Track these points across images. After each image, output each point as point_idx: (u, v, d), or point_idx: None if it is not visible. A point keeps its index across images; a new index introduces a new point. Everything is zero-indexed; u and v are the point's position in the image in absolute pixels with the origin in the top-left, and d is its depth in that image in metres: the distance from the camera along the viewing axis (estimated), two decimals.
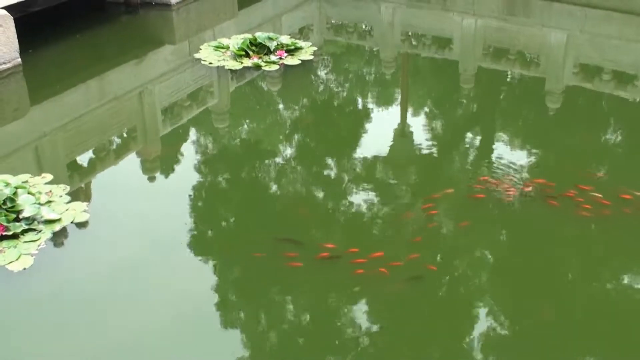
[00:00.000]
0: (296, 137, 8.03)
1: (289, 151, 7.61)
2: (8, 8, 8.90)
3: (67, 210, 5.90)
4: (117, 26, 11.27)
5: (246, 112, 8.72)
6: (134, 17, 11.62)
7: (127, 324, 4.89)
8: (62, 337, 4.81)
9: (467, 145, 7.63)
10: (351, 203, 6.46)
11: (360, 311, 5.09)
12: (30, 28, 9.60)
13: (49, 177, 6.39)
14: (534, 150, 7.41)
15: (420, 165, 7.32)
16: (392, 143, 7.75)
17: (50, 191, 6.13)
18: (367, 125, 8.33)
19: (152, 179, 7.06)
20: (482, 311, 5.12)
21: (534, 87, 9.37)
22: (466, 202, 6.28)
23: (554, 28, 11.37)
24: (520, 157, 7.18)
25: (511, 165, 6.95)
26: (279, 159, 7.33)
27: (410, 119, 8.43)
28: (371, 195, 6.59)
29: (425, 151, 7.54)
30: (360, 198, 6.53)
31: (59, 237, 5.66)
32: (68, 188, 6.24)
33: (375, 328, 4.99)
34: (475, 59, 10.46)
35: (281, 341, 4.93)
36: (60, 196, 6.09)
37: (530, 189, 6.38)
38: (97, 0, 11.74)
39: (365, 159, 7.28)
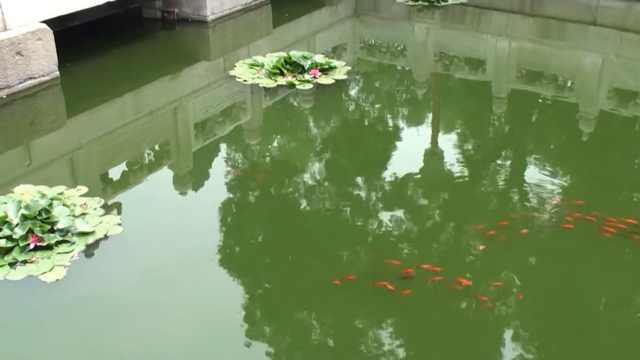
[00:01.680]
0: (327, 155, 8.04)
1: (319, 169, 7.62)
2: (48, 22, 9.08)
3: (100, 223, 5.97)
4: (154, 42, 11.45)
5: (278, 129, 8.77)
6: (170, 33, 11.80)
7: (157, 336, 4.92)
8: (93, 348, 4.84)
9: (499, 168, 7.57)
10: (377, 220, 6.44)
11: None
12: (69, 42, 9.79)
13: (83, 189, 6.48)
14: (567, 176, 7.33)
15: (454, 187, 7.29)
16: (422, 162, 7.73)
17: (85, 204, 6.22)
18: (398, 144, 8.31)
19: (183, 193, 7.12)
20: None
21: (567, 111, 9.29)
22: (505, 226, 6.23)
23: (589, 51, 11.29)
24: (554, 182, 7.10)
25: (546, 190, 6.88)
26: (308, 176, 7.35)
27: (441, 139, 8.40)
28: (397, 212, 6.57)
29: (455, 171, 7.51)
30: (386, 213, 6.53)
31: (91, 250, 5.73)
32: (102, 201, 6.32)
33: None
34: (509, 81, 10.41)
35: (308, 358, 4.93)
36: (95, 209, 6.17)
37: (569, 216, 6.28)
38: (135, 16, 11.95)
39: (395, 177, 7.26)
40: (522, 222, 6.29)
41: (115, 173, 7.26)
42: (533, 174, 7.30)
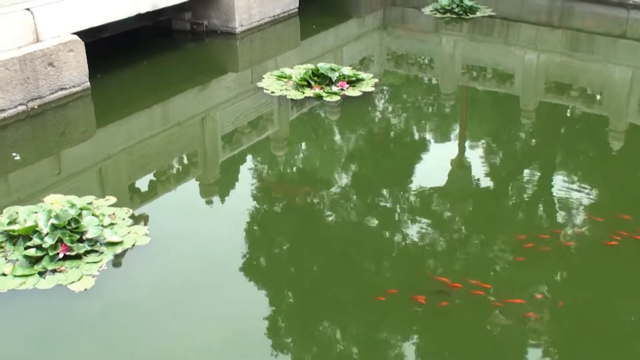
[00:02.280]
0: (354, 166, 8.03)
1: (345, 180, 7.62)
2: (80, 33, 9.21)
3: (128, 233, 6.01)
4: (183, 53, 11.55)
5: (305, 140, 8.79)
6: (199, 44, 11.90)
7: (185, 346, 4.93)
8: (121, 357, 4.87)
9: (527, 181, 7.50)
10: (406, 234, 6.41)
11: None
12: (100, 53, 9.91)
13: (112, 199, 6.54)
14: (597, 190, 7.23)
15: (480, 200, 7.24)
16: (449, 175, 7.68)
17: (114, 214, 6.27)
18: (425, 157, 8.28)
19: (210, 203, 7.15)
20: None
21: (596, 125, 9.19)
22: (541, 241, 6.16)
23: (619, 64, 11.16)
24: (585, 197, 7.01)
25: (578, 204, 6.81)
26: (335, 188, 7.34)
27: (468, 152, 8.35)
28: (428, 225, 6.52)
29: (483, 185, 7.45)
30: (415, 226, 6.50)
31: (119, 259, 5.77)
32: (131, 211, 6.37)
33: None
34: (537, 94, 10.32)
35: None
36: (123, 219, 6.22)
37: (610, 233, 6.18)
38: (164, 27, 12.08)
39: (422, 189, 7.23)
40: (557, 238, 6.20)
41: (143, 183, 7.31)
42: (562, 188, 7.22)
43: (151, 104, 9.28)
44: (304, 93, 9.28)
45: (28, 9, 8.63)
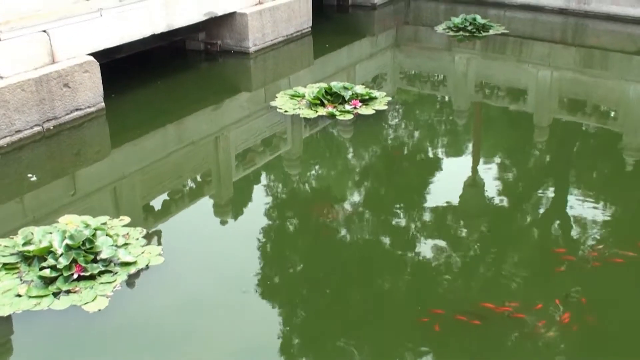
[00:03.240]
0: (367, 185, 8.02)
1: (359, 199, 7.60)
2: (95, 54, 9.30)
3: (142, 253, 6.03)
4: (197, 73, 11.63)
5: (317, 159, 8.80)
6: (213, 64, 11.98)
7: None
8: None
9: (540, 199, 7.46)
10: (417, 252, 6.38)
11: None
12: (115, 74, 10.00)
13: (126, 219, 6.56)
14: (613, 208, 7.17)
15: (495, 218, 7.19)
16: (461, 193, 7.65)
17: (128, 234, 6.29)
18: (438, 175, 8.25)
19: (224, 222, 7.16)
20: None
21: (611, 142, 9.13)
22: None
23: (633, 81, 11.11)
24: (600, 216, 6.95)
25: (593, 224, 6.75)
26: (349, 206, 7.33)
27: (482, 169, 8.32)
28: (433, 244, 6.49)
29: (497, 204, 7.41)
30: (421, 246, 6.48)
31: (133, 280, 5.78)
32: (145, 231, 6.39)
33: None
34: (551, 111, 10.29)
35: None
36: (137, 239, 6.24)
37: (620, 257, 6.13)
38: (179, 48, 12.17)
39: (436, 208, 7.20)
40: (581, 258, 6.14)
41: (157, 203, 7.34)
42: (578, 207, 7.16)
43: (165, 124, 9.34)
44: (317, 112, 9.30)
45: (44, 31, 8.74)
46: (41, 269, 5.66)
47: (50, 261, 5.67)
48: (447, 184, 7.94)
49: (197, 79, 11.36)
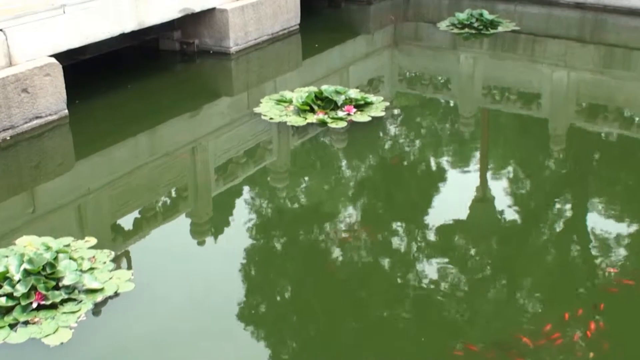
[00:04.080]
0: (363, 200, 8.03)
1: (354, 216, 7.61)
2: (57, 56, 9.30)
3: (110, 278, 6.00)
4: (172, 76, 11.65)
5: (307, 171, 8.81)
6: (189, 66, 12.01)
7: None
8: None
9: (557, 216, 7.49)
10: (418, 277, 6.39)
11: None
12: (79, 77, 10.01)
13: (92, 240, 6.54)
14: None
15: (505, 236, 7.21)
16: (470, 209, 7.67)
17: (94, 257, 6.27)
18: (443, 189, 8.28)
19: (202, 243, 7.15)
20: None
21: (635, 151, 9.19)
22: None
23: None
24: (625, 235, 6.98)
25: (617, 244, 6.78)
26: (342, 225, 7.34)
27: (491, 182, 8.35)
28: (438, 267, 6.49)
29: (509, 220, 7.43)
30: (425, 270, 6.47)
31: (100, 309, 5.75)
32: (113, 254, 6.37)
33: None
34: (567, 117, 10.35)
35: None
36: (104, 263, 6.21)
37: None
38: (151, 48, 12.19)
39: (440, 226, 7.21)
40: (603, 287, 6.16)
41: (127, 222, 7.32)
42: (599, 225, 7.19)
43: (136, 133, 9.34)
44: (306, 119, 9.32)
45: (1, 30, 8.74)
46: None
47: (7, 288, 5.64)
48: (453, 199, 7.96)
49: (171, 83, 11.38)
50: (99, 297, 5.79)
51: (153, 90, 10.90)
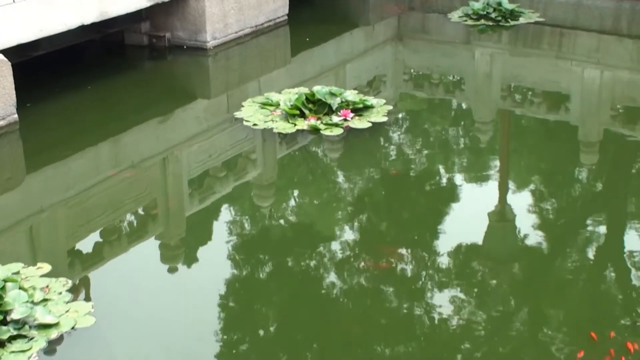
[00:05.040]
0: (361, 220, 8.05)
1: (351, 239, 7.62)
2: (5, 52, 9.33)
3: (67, 311, 6.00)
4: (139, 75, 11.68)
5: (297, 187, 8.85)
6: (160, 63, 12.04)
7: None
8: None
9: (589, 238, 7.51)
10: (425, 309, 6.40)
11: None
12: (31, 76, 10.03)
13: (46, 267, 6.55)
14: None
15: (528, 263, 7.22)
16: (486, 230, 7.69)
17: (47, 286, 6.28)
18: (456, 207, 8.29)
19: (173, 270, 7.15)
20: None
21: None
22: None
23: None
24: None
25: None
26: (337, 249, 7.34)
27: (511, 198, 8.38)
28: (449, 298, 6.48)
29: (532, 243, 7.45)
30: (434, 302, 6.46)
31: (55, 347, 5.74)
32: (69, 283, 6.37)
33: None
34: (601, 122, 10.40)
35: None
36: (60, 293, 6.22)
37: None
38: (115, 42, 12.23)
39: (452, 251, 7.20)
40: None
41: (86, 245, 7.33)
42: (638, 248, 7.22)
43: (97, 141, 9.35)
44: (295, 125, 9.36)
45: None
46: None
47: None
48: (467, 219, 7.97)
49: (139, 83, 11.42)
50: (54, 334, 5.78)
51: (117, 91, 10.93)
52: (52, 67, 10.93)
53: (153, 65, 12.05)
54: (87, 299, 6.34)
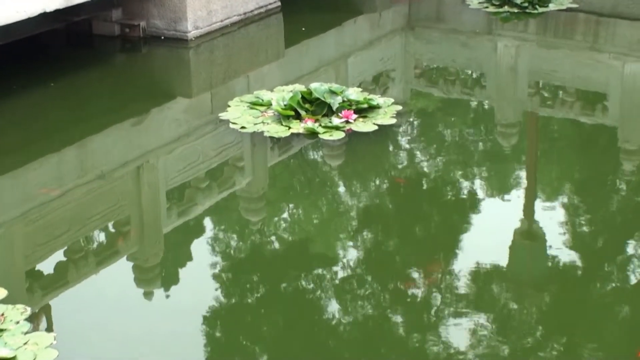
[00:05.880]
0: (366, 238, 8.05)
1: (354, 260, 7.62)
2: None
3: (25, 343, 5.99)
4: (109, 70, 11.68)
5: (291, 199, 8.86)
6: (133, 56, 12.06)
7: None
8: None
9: (629, 259, 7.51)
10: (441, 340, 6.39)
11: None
12: None
13: (1, 292, 6.55)
14: None
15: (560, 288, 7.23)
16: (511, 250, 7.69)
17: (3, 314, 6.27)
18: (475, 223, 8.29)
19: (149, 295, 7.15)
20: None
21: None
22: None
23: None
24: None
25: None
26: (338, 273, 7.35)
27: (540, 212, 8.38)
28: (469, 328, 6.47)
29: (566, 265, 7.46)
30: (450, 333, 6.44)
31: None
32: (28, 310, 6.37)
33: None
34: None
35: None
36: (17, 322, 6.20)
37: None
38: (81, 32, 12.23)
39: (470, 273, 7.19)
40: None
41: (47, 267, 7.33)
42: None
43: (60, 147, 9.35)
44: (290, 128, 9.36)
45: None
46: None
47: None
48: (489, 237, 7.96)
49: (109, 79, 11.42)
50: None
51: (84, 88, 10.93)
52: (9, 61, 10.93)
53: (126, 59, 12.06)
54: (49, 329, 6.32)
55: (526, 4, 13.66)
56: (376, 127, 9.52)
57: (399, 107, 10.03)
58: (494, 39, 13.07)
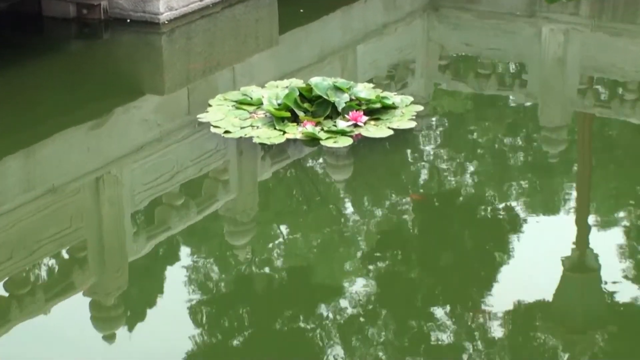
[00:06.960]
0: (378, 268, 8.06)
1: (363, 294, 7.62)
2: None
3: None
4: (63, 60, 11.72)
5: (286, 220, 8.86)
6: (93, 44, 12.10)
7: None
8: None
9: None
10: None
11: None
12: None
13: None
14: None
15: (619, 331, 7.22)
16: (559, 283, 7.70)
17: None
18: (513, 249, 8.31)
19: (110, 339, 7.14)
20: None
21: None
22: None
23: None
24: None
25: None
26: (345, 315, 7.34)
27: (594, 238, 8.37)
28: None
29: (625, 304, 7.46)
30: None
31: None
32: None
33: None
34: None
35: None
36: None
37: None
38: (29, 14, 12.26)
39: (509, 310, 7.22)
40: None
41: None
42: None
43: (3, 155, 9.36)
44: (285, 132, 9.37)
45: None
46: None
47: None
48: (531, 266, 8.00)
49: (63, 72, 11.47)
50: None
51: (32, 83, 10.97)
52: None
53: (83, 47, 12.09)
54: None
55: None
56: (391, 132, 9.53)
57: (420, 108, 10.06)
58: (538, 23, 13.09)
